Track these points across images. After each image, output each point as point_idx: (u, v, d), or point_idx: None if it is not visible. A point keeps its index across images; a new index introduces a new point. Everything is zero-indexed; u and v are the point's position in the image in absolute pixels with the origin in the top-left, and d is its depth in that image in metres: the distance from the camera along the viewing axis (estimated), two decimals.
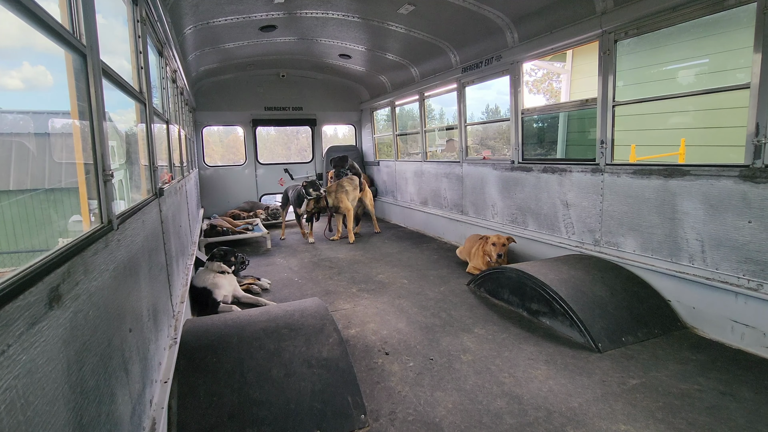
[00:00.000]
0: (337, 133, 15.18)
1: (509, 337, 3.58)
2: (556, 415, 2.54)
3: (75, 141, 1.64)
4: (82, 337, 1.15)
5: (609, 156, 4.26)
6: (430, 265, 5.86)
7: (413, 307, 4.32)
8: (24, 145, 2.96)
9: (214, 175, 9.84)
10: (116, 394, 1.40)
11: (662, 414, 2.51)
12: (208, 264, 4.59)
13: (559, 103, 10.02)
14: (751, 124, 3.10)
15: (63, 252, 1.11)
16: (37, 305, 0.91)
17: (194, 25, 5.32)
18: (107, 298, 1.41)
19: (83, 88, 1.53)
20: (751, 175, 3.13)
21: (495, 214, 6.04)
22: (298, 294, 4.90)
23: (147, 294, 2.09)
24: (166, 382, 2.21)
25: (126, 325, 1.62)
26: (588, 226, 4.55)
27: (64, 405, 1.00)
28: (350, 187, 7.80)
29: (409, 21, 5.83)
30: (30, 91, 2.51)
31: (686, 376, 2.92)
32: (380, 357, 3.33)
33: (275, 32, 6.46)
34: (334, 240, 7.77)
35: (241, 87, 9.69)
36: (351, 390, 2.54)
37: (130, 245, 1.84)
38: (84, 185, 1.66)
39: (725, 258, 3.34)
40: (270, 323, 2.97)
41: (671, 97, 4.15)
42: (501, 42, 5.48)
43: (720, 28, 6.25)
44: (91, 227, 1.49)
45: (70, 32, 1.41)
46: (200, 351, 2.66)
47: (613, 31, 4.06)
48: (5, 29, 1.33)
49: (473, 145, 10.67)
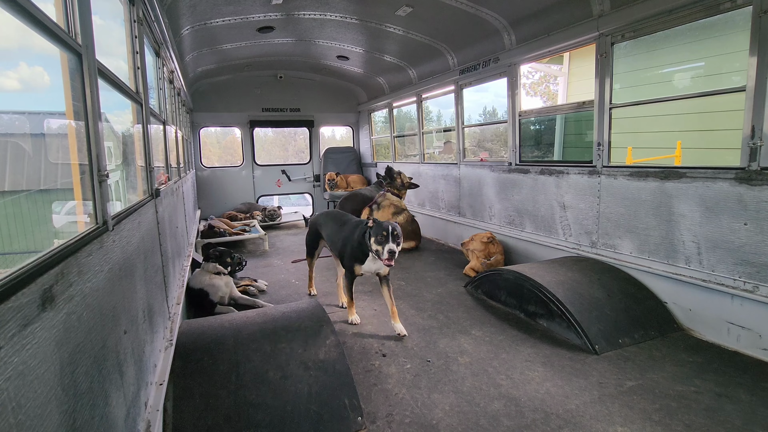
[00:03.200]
0: (334, 135, 15.16)
1: (506, 339, 3.58)
2: (554, 417, 2.53)
3: (70, 141, 1.63)
4: (75, 338, 1.14)
5: (606, 158, 4.27)
6: (428, 267, 5.85)
7: (410, 309, 4.32)
8: (19, 145, 2.94)
9: (211, 176, 9.82)
10: (110, 397, 1.39)
11: (659, 416, 2.51)
12: (204, 265, 4.57)
13: (556, 106, 10.05)
14: (746, 127, 3.11)
15: (56, 253, 1.10)
16: (29, 306, 0.90)
17: (191, 25, 5.31)
18: (102, 300, 1.40)
19: (78, 87, 1.52)
20: (747, 177, 3.14)
21: (492, 216, 6.05)
22: (295, 296, 4.88)
23: (142, 295, 2.07)
24: (162, 385, 2.19)
25: (121, 326, 1.61)
26: (585, 228, 4.56)
27: (57, 408, 0.99)
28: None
29: (407, 23, 5.83)
30: (27, 91, 2.49)
31: (683, 377, 2.92)
32: (377, 359, 3.31)
33: (273, 33, 6.46)
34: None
35: (239, 88, 9.67)
36: (348, 392, 2.53)
37: (126, 246, 1.82)
38: (79, 186, 1.65)
39: (721, 260, 3.35)
40: (267, 325, 2.95)
41: (667, 100, 4.18)
42: (498, 44, 5.49)
43: (716, 32, 6.29)
44: (85, 228, 1.48)
45: (65, 31, 1.40)
46: (196, 353, 2.64)
47: (609, 34, 4.08)
48: (3, 31, 1.32)
49: (471, 147, 10.69)
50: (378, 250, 3.45)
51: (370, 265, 3.67)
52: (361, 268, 3.71)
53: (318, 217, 4.57)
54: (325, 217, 4.43)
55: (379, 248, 3.44)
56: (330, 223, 4.29)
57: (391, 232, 3.42)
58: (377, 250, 3.46)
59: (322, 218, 4.46)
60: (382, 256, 3.43)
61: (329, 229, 4.24)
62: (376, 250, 3.46)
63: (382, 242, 3.44)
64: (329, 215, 4.43)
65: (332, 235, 4.16)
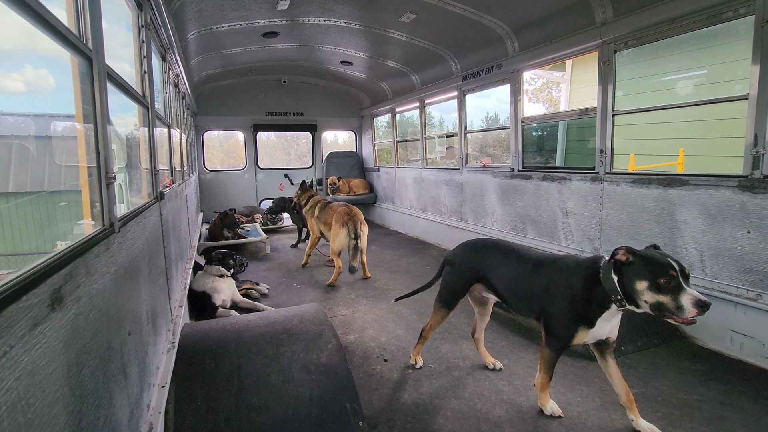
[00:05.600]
0: (337, 139, 15.23)
1: (508, 345, 3.57)
2: (555, 425, 2.52)
3: (79, 144, 1.64)
4: (82, 339, 1.15)
5: (608, 165, 4.28)
6: (430, 272, 5.85)
7: (412, 314, 4.31)
8: (25, 147, 2.96)
9: (214, 179, 9.85)
10: (114, 398, 1.40)
11: (662, 424, 2.50)
12: (206, 268, 4.58)
13: (559, 112, 10.08)
14: (749, 135, 3.12)
15: (65, 254, 1.11)
16: (39, 307, 0.91)
17: (197, 30, 5.36)
18: (108, 301, 1.41)
19: (88, 91, 1.54)
20: (750, 185, 3.14)
21: (494, 221, 6.05)
22: (296, 299, 4.89)
23: (146, 297, 2.08)
24: (164, 387, 2.20)
25: (125, 328, 1.61)
26: (587, 234, 4.55)
27: (64, 407, 0.99)
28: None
29: (410, 29, 5.88)
30: (32, 94, 2.52)
31: (686, 386, 2.91)
32: (379, 363, 3.31)
33: (277, 39, 6.51)
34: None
35: (243, 92, 9.73)
36: (349, 396, 2.52)
37: (131, 248, 1.84)
38: (86, 188, 1.66)
39: (724, 268, 3.34)
40: (268, 328, 2.95)
41: (670, 108, 4.19)
42: (501, 51, 5.53)
43: (718, 40, 6.32)
44: (93, 230, 1.50)
45: (77, 36, 1.42)
46: (198, 355, 2.64)
47: (612, 42, 4.10)
48: (8, 33, 1.34)
49: (473, 153, 10.72)
50: (661, 303, 2.05)
51: (603, 327, 2.34)
52: (589, 333, 2.35)
53: (471, 249, 2.99)
54: (491, 251, 2.86)
55: (664, 300, 2.04)
56: (502, 258, 2.77)
57: (680, 270, 2.04)
58: (659, 303, 2.07)
59: (486, 252, 2.88)
60: (677, 312, 2.01)
61: (504, 269, 2.74)
62: (656, 302, 2.07)
63: (671, 289, 2.02)
64: (495, 247, 2.88)
65: (513, 278, 2.67)
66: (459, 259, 3.01)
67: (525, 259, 2.65)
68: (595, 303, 2.28)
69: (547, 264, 2.54)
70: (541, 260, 2.59)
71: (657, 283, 2.05)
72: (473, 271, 2.90)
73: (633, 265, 2.14)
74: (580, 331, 2.35)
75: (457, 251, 3.07)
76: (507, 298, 2.75)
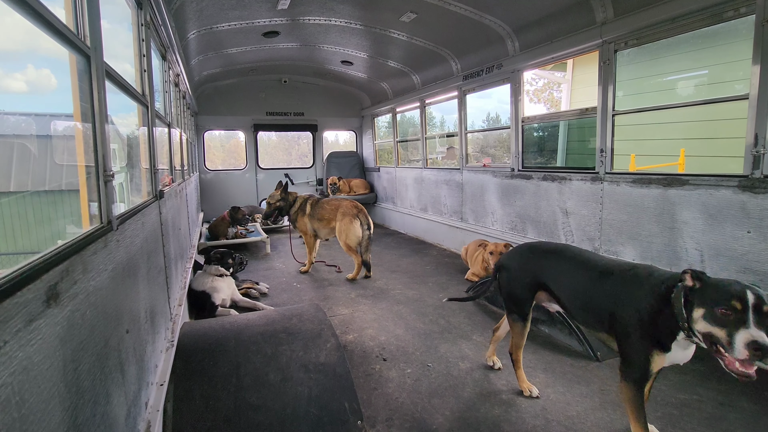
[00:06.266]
0: (338, 139, 15.23)
1: (507, 345, 3.56)
2: (554, 424, 2.52)
3: (77, 142, 1.65)
4: (79, 336, 1.14)
5: (609, 165, 4.27)
6: (430, 272, 5.85)
7: (412, 314, 4.31)
8: (26, 147, 2.97)
9: (215, 179, 9.86)
10: (112, 395, 1.40)
11: (661, 424, 2.49)
12: (206, 267, 4.59)
13: (559, 112, 10.07)
14: (749, 135, 3.11)
15: (62, 251, 1.11)
16: (34, 302, 0.91)
17: (198, 29, 5.37)
18: (105, 298, 1.41)
19: (86, 89, 1.54)
20: (750, 185, 3.14)
21: (495, 221, 6.05)
22: (296, 299, 4.89)
23: (145, 296, 2.08)
24: (162, 385, 2.20)
25: (123, 326, 1.61)
26: (587, 234, 4.55)
27: (60, 404, 0.99)
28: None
29: (411, 29, 5.88)
30: (33, 93, 2.52)
31: (685, 386, 2.90)
32: (378, 363, 3.31)
33: (278, 38, 6.52)
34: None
35: (243, 92, 9.74)
36: (348, 396, 2.52)
37: (130, 246, 1.84)
38: (85, 186, 1.66)
39: (724, 268, 3.33)
40: (267, 327, 2.95)
41: (671, 107, 4.18)
42: (502, 51, 5.52)
43: (719, 40, 6.31)
44: (90, 227, 1.50)
45: (74, 33, 1.42)
46: (197, 354, 2.64)
47: (613, 42, 4.10)
48: (11, 33, 1.35)
49: (473, 153, 10.72)
50: (713, 335, 1.79)
51: (679, 353, 2.03)
52: (666, 358, 2.04)
53: (529, 253, 2.75)
54: (552, 255, 2.61)
55: (716, 332, 1.77)
56: (564, 263, 2.52)
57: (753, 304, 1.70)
58: (710, 335, 1.80)
59: (547, 256, 2.63)
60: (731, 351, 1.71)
61: (566, 276, 2.49)
62: (707, 333, 1.81)
63: (729, 322, 1.74)
64: (557, 252, 2.61)
65: (578, 286, 2.42)
66: (515, 263, 2.76)
67: (591, 266, 2.39)
68: (663, 325, 1.99)
69: (618, 272, 2.26)
70: (611, 267, 2.32)
71: (713, 312, 1.77)
72: (531, 277, 2.65)
73: (698, 291, 1.87)
74: (656, 354, 2.04)
75: (513, 254, 2.82)
76: (571, 309, 2.49)
